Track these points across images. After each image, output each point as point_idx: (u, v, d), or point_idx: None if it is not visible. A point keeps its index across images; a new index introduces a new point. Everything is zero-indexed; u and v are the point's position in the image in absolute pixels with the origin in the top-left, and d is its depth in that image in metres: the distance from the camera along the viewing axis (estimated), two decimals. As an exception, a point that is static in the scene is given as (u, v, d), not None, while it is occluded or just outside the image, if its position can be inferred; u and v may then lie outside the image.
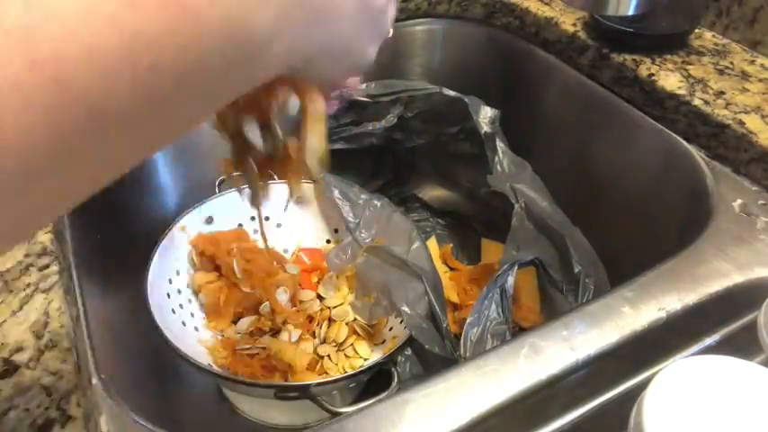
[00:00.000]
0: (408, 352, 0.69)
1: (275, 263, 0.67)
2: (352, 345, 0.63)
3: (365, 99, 0.71)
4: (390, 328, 0.62)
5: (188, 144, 0.72)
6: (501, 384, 0.40)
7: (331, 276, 0.68)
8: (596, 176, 0.72)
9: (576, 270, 0.59)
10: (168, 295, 0.59)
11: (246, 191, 0.40)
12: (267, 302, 0.65)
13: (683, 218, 0.60)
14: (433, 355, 0.56)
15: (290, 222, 0.70)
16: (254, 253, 0.66)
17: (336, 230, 0.71)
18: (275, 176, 0.40)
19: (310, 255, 0.70)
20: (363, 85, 0.72)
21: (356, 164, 0.79)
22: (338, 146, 0.74)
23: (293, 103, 0.36)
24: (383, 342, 0.62)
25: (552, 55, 0.74)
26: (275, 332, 0.64)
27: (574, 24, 0.71)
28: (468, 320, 0.54)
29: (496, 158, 0.68)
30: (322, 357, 0.62)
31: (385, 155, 0.82)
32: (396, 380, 0.52)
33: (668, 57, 0.65)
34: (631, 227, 0.68)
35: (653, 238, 0.65)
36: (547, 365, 0.41)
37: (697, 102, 0.59)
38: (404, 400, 0.39)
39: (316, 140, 0.36)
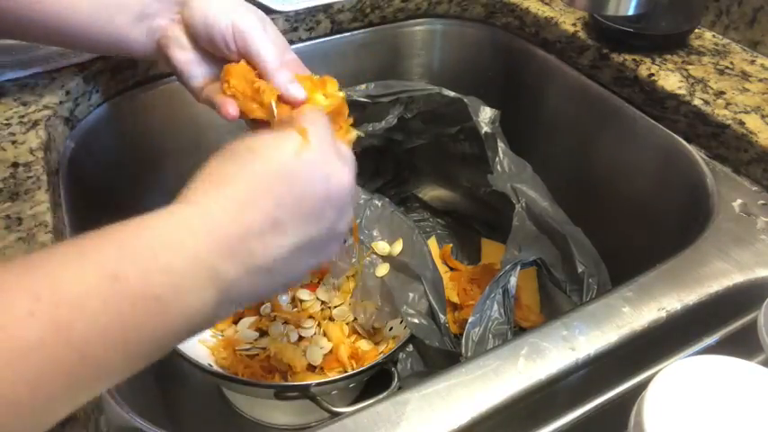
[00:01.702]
0: (410, 348, 0.70)
1: None
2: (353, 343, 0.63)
3: (365, 100, 0.71)
4: (390, 328, 0.62)
5: (188, 144, 0.72)
6: (501, 384, 0.40)
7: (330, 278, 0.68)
8: (596, 176, 0.72)
9: (580, 270, 0.59)
10: (168, 295, 0.59)
11: None
12: (268, 303, 0.65)
13: (683, 218, 0.60)
14: (434, 351, 0.56)
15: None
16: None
17: (336, 230, 0.71)
18: None
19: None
20: (363, 86, 0.72)
21: (356, 164, 0.79)
22: (338, 146, 0.74)
23: None
24: (383, 341, 0.62)
25: (552, 55, 0.74)
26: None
27: (574, 24, 0.71)
28: (469, 320, 0.54)
29: (497, 158, 0.68)
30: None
31: (385, 155, 0.82)
32: (396, 379, 0.52)
33: (668, 57, 0.65)
34: (631, 227, 0.68)
35: (653, 238, 0.65)
36: (547, 365, 0.41)
37: (697, 102, 0.59)
38: (404, 399, 0.39)
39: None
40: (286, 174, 0.34)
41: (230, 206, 0.32)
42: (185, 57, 0.48)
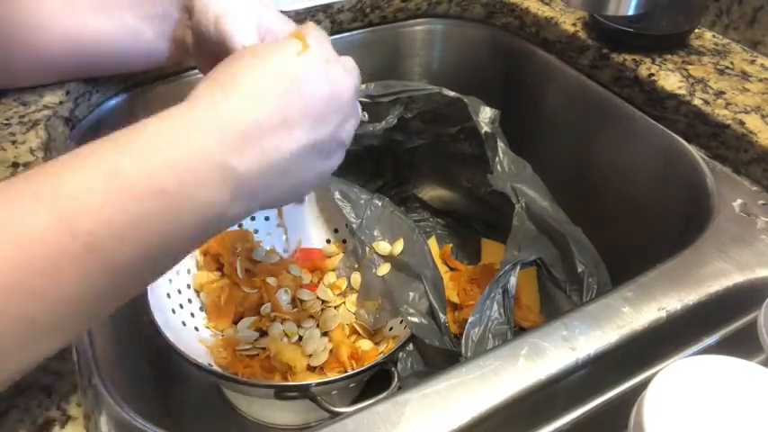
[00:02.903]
0: (410, 348, 0.70)
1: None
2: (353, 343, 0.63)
3: (365, 99, 0.71)
4: (390, 328, 0.62)
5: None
6: (501, 384, 0.40)
7: (329, 277, 0.69)
8: (596, 176, 0.72)
9: (580, 270, 0.59)
10: (168, 295, 0.59)
11: None
12: (268, 303, 0.65)
13: (683, 218, 0.60)
14: (434, 350, 0.56)
15: (290, 222, 0.70)
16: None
17: (336, 230, 0.71)
18: None
19: (310, 255, 0.70)
20: (363, 86, 0.72)
21: (356, 165, 0.79)
22: (338, 146, 0.74)
23: None
24: (383, 341, 0.62)
25: (552, 55, 0.74)
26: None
27: (574, 24, 0.71)
28: (469, 320, 0.54)
29: (497, 158, 0.68)
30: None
31: (385, 155, 0.82)
32: (396, 379, 0.52)
33: (668, 57, 0.65)
34: (631, 227, 0.68)
35: (653, 238, 0.65)
36: (547, 365, 0.41)
37: (697, 102, 0.59)
38: (404, 399, 0.39)
39: None
40: (290, 74, 0.35)
41: (238, 104, 0.32)
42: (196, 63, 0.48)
